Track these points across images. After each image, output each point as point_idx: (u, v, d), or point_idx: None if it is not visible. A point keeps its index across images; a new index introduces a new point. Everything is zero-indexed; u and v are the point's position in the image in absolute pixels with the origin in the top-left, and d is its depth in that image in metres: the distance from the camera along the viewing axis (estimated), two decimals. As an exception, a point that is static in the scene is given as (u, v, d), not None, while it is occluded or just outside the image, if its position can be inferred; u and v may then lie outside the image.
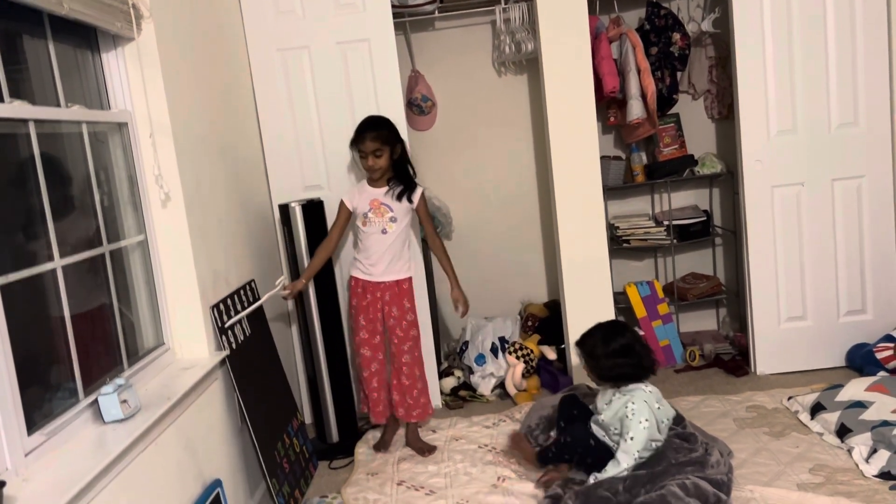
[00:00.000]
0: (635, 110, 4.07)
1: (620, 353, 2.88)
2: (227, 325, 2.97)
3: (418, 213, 3.54)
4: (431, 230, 3.60)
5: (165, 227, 2.76)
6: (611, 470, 2.79)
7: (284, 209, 3.59)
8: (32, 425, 1.98)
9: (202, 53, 3.19)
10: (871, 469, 2.87)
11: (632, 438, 2.78)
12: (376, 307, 3.49)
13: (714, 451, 2.88)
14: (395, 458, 3.48)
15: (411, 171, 3.53)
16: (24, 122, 2.12)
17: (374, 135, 3.37)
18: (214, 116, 3.24)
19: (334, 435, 3.71)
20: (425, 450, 3.53)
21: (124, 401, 2.22)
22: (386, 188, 3.47)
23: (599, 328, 3.01)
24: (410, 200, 3.46)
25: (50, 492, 1.79)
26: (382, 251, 3.45)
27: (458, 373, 4.28)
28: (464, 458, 3.38)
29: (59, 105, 2.35)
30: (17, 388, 1.91)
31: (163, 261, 2.78)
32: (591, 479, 2.80)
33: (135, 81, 2.68)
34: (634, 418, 2.79)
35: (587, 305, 3.93)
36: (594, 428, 2.96)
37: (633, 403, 2.81)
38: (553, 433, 3.25)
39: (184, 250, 2.77)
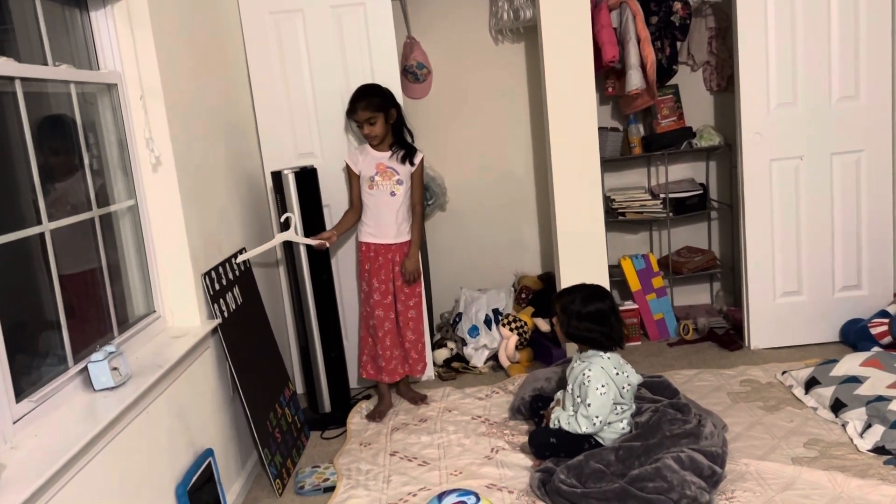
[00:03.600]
0: (634, 80, 4.01)
1: (594, 317, 2.89)
2: (238, 261, 3.05)
3: (412, 177, 3.57)
4: (420, 196, 3.66)
5: (156, 191, 2.69)
6: (567, 426, 2.85)
7: (277, 176, 3.52)
8: (20, 392, 1.94)
9: (193, 15, 3.10)
10: (866, 444, 2.86)
11: (589, 405, 2.81)
12: (388, 268, 3.58)
13: (707, 423, 2.88)
14: (388, 429, 3.46)
15: (408, 136, 3.61)
16: (11, 80, 2.04)
17: (364, 104, 3.46)
18: (206, 80, 3.16)
19: (326, 405, 3.68)
20: (418, 399, 3.70)
21: (115, 368, 2.18)
22: (389, 152, 3.54)
23: (582, 288, 3.03)
24: (412, 163, 3.54)
25: (39, 460, 1.75)
26: (393, 214, 3.53)
27: (451, 344, 4.25)
28: (457, 430, 3.36)
29: (46, 64, 2.27)
30: (5, 354, 1.86)
31: (154, 226, 2.72)
32: (556, 422, 2.90)
33: (125, 42, 2.61)
34: (591, 385, 2.82)
35: (582, 278, 3.84)
36: (559, 416, 2.93)
37: (589, 371, 2.84)
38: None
39: (175, 216, 2.71)
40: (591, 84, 3.77)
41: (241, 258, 3.09)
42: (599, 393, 2.81)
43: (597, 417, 2.81)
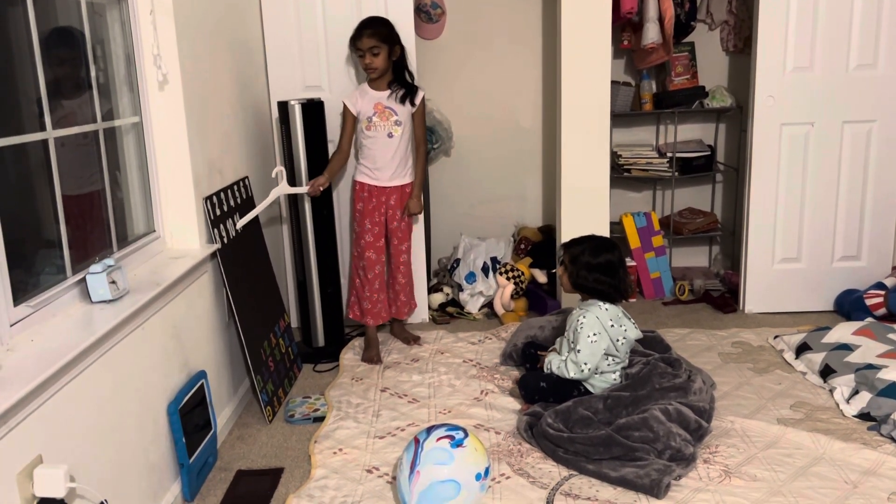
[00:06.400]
0: (651, 34, 3.95)
1: (603, 268, 2.88)
2: (238, 227, 3.01)
3: (414, 117, 3.52)
4: (423, 135, 3.61)
5: (162, 110, 2.66)
6: (556, 369, 2.88)
7: (283, 107, 3.48)
8: (18, 297, 1.94)
9: (208, -67, 3.03)
10: (851, 409, 2.90)
11: (578, 351, 2.82)
12: (381, 211, 3.54)
13: (697, 379, 2.90)
14: (380, 367, 3.49)
15: (409, 78, 3.53)
16: (19, -19, 2.00)
17: (370, 31, 3.36)
18: (217, 1, 3.10)
19: (320, 339, 3.71)
20: (411, 339, 3.73)
21: (113, 282, 2.18)
22: (388, 91, 3.47)
23: (592, 239, 3.02)
24: (413, 104, 3.47)
25: (35, 363, 1.76)
26: (390, 156, 3.47)
27: (447, 289, 4.26)
28: (448, 371, 3.39)
29: (55, -32, 2.22)
30: (4, 257, 1.85)
31: (157, 145, 2.69)
32: (548, 365, 2.93)
33: (136, -47, 2.55)
34: (583, 332, 2.83)
35: (583, 232, 3.84)
36: (552, 360, 2.96)
37: (583, 318, 2.85)
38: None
39: (179, 136, 2.68)
40: (607, 35, 3.72)
41: (240, 223, 3.06)
42: (590, 341, 2.82)
43: (585, 364, 2.82)
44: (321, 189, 3.46)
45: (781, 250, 3.94)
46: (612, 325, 2.86)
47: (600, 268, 2.89)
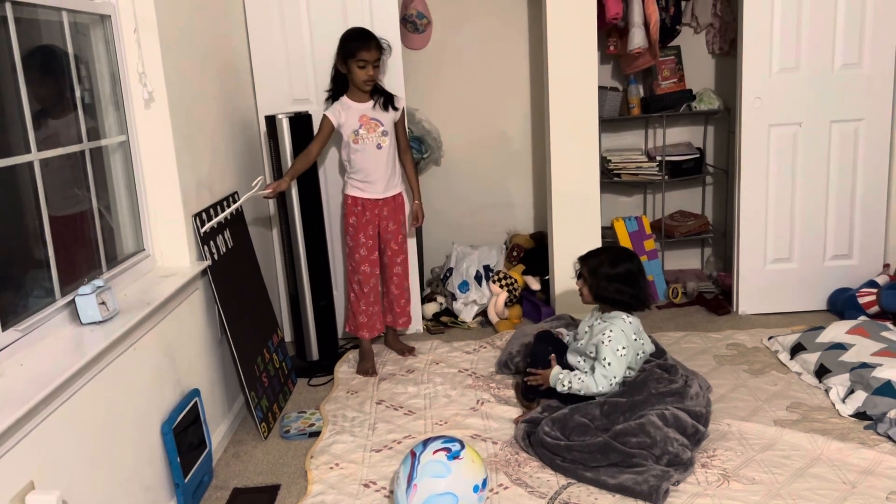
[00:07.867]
0: (637, 39, 3.96)
1: (623, 278, 2.85)
2: (203, 230, 2.86)
3: (397, 126, 3.53)
4: (407, 143, 3.61)
5: (148, 128, 2.65)
6: (584, 385, 2.76)
7: (271, 121, 3.47)
8: (6, 322, 1.92)
9: (191, -51, 3.02)
10: (847, 409, 2.89)
11: (609, 364, 2.77)
12: (374, 223, 3.53)
13: (694, 384, 2.89)
14: (375, 379, 3.47)
15: (382, 87, 3.54)
16: (2, 2, 1.99)
17: (376, 43, 3.35)
18: (202, 17, 3.10)
19: (314, 353, 3.69)
20: (405, 350, 3.72)
21: (102, 303, 2.16)
22: (371, 102, 3.45)
23: (610, 250, 3.01)
24: (395, 108, 3.48)
25: (25, 388, 1.74)
26: (381, 168, 3.46)
27: (440, 299, 4.26)
28: (444, 381, 3.38)
29: (38, -11, 2.21)
30: (-9, 281, 1.84)
31: (145, 164, 2.68)
32: (567, 383, 2.80)
33: (119, -28, 2.54)
34: (610, 345, 2.78)
35: (574, 238, 3.89)
36: (569, 357, 2.95)
37: (610, 331, 2.81)
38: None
39: (167, 154, 2.67)
40: (593, 41, 3.72)
41: (206, 227, 2.86)
42: (619, 354, 2.78)
43: (614, 378, 2.77)
44: (278, 192, 3.32)
45: (773, 251, 3.95)
46: (636, 339, 2.84)
47: (619, 277, 2.85)
